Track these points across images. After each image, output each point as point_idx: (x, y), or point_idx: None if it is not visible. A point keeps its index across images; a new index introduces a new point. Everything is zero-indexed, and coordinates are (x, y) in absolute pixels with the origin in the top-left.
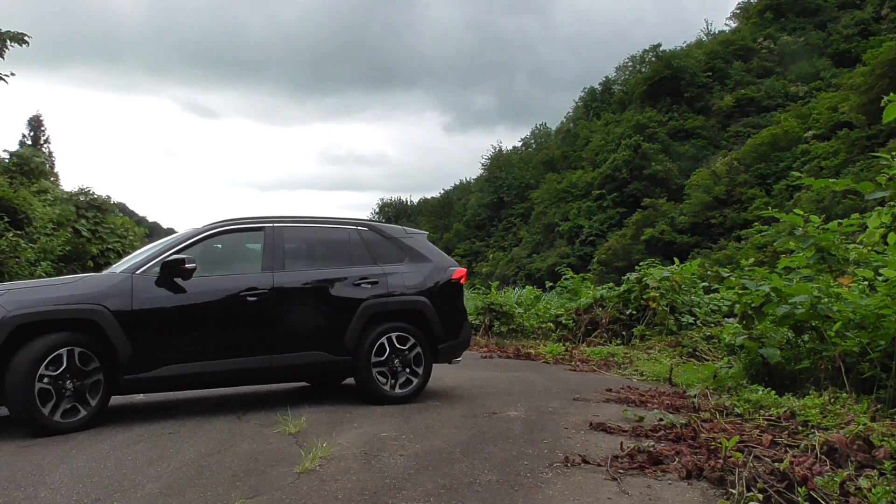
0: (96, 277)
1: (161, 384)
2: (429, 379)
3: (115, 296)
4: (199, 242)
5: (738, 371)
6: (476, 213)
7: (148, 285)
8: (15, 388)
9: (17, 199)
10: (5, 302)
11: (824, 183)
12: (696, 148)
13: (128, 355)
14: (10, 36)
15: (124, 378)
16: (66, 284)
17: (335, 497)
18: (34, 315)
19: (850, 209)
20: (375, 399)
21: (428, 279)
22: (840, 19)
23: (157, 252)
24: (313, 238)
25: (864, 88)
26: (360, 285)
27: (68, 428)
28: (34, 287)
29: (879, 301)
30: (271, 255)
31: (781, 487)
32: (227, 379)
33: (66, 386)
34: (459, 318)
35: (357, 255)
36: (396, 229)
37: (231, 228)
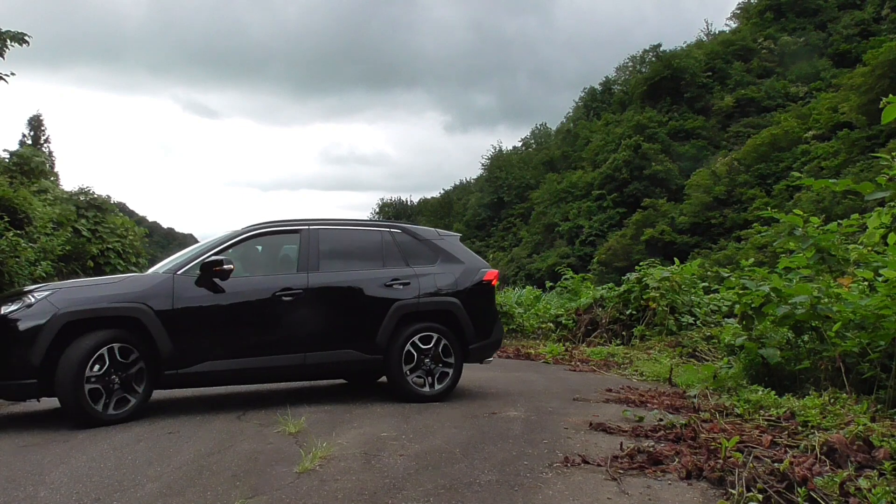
0: (140, 277)
1: (200, 380)
2: (459, 378)
3: (158, 295)
4: (238, 244)
5: (738, 371)
6: (476, 213)
7: (188, 285)
8: (65, 382)
9: (17, 199)
10: (55, 301)
11: (824, 183)
12: (696, 148)
13: (169, 351)
14: (11, 36)
15: (165, 373)
16: (112, 284)
17: (335, 497)
18: (82, 313)
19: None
20: (406, 397)
21: (459, 280)
22: (840, 20)
23: (198, 253)
24: (347, 240)
25: (864, 89)
26: (392, 286)
27: (115, 419)
28: (81, 286)
29: (879, 301)
30: (306, 256)
31: (781, 488)
32: (262, 375)
33: (113, 380)
34: (490, 318)
35: (390, 257)
36: (429, 231)
37: (268, 231)
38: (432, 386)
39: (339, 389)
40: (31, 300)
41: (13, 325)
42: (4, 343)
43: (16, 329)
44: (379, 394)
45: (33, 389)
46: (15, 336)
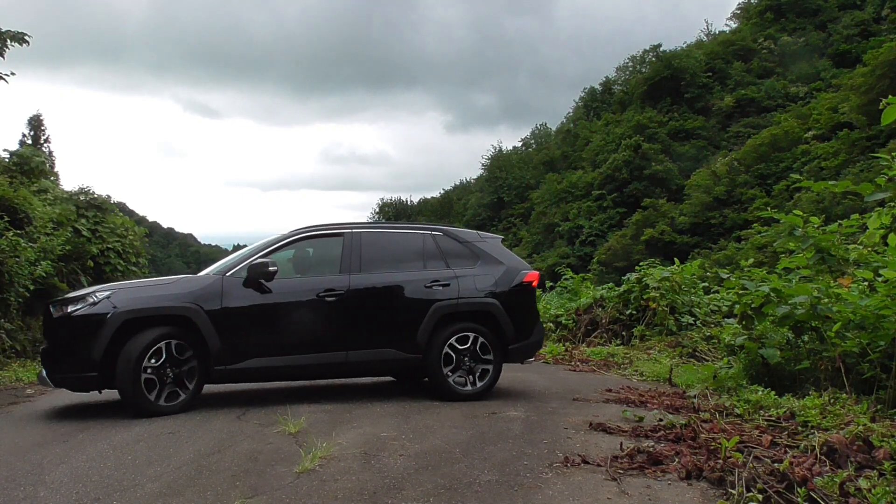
0: (192, 279)
1: (246, 375)
2: (498, 378)
3: (208, 295)
4: (284, 247)
5: (738, 371)
6: (476, 213)
7: (236, 286)
8: (124, 375)
9: (17, 199)
10: (115, 300)
11: (824, 185)
12: (697, 148)
13: (217, 348)
14: (11, 35)
15: (215, 369)
16: (165, 285)
17: (335, 497)
18: (138, 312)
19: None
20: (445, 395)
21: (499, 282)
22: (840, 20)
23: (245, 256)
24: (389, 243)
25: (864, 89)
26: (432, 287)
27: (169, 411)
28: (138, 287)
29: (879, 301)
30: (349, 258)
31: (781, 488)
32: (305, 373)
33: (167, 374)
34: (531, 319)
35: (431, 259)
36: (471, 234)
37: (313, 234)
38: (472, 385)
39: (339, 389)
40: (94, 300)
41: (78, 323)
42: (70, 339)
43: (80, 326)
44: (379, 394)
45: (95, 381)
46: (79, 333)
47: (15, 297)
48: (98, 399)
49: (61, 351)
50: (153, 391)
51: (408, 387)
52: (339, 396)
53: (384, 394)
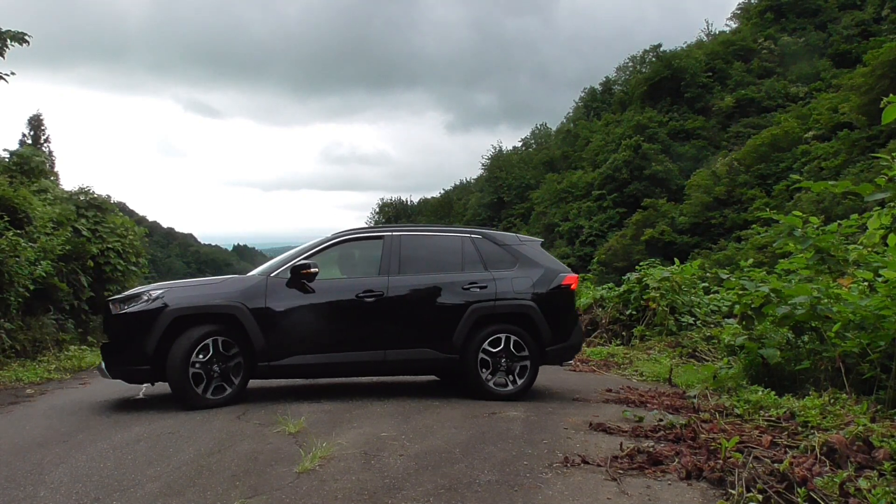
0: (239, 279)
1: (289, 372)
2: (535, 379)
3: (253, 295)
4: (326, 250)
5: (738, 372)
6: (476, 213)
7: (280, 286)
8: (174, 369)
9: (16, 199)
10: (167, 299)
11: (823, 186)
12: (697, 148)
13: (261, 346)
14: (11, 35)
15: (259, 365)
16: (213, 284)
17: (335, 497)
18: (187, 310)
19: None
20: (481, 395)
21: (537, 284)
22: (840, 20)
23: (289, 258)
24: (428, 246)
25: (864, 89)
26: (470, 289)
27: (215, 404)
28: (188, 286)
29: (879, 302)
30: (388, 261)
31: (781, 488)
32: (345, 370)
33: (214, 369)
34: (569, 322)
35: (469, 262)
36: (510, 237)
37: (354, 237)
38: (507, 386)
39: (339, 389)
40: (148, 298)
41: (132, 320)
42: (125, 334)
43: (134, 323)
44: (379, 394)
45: (147, 374)
46: (133, 329)
47: (15, 297)
48: (98, 399)
49: (117, 345)
50: (200, 385)
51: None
52: (339, 396)
53: (384, 394)
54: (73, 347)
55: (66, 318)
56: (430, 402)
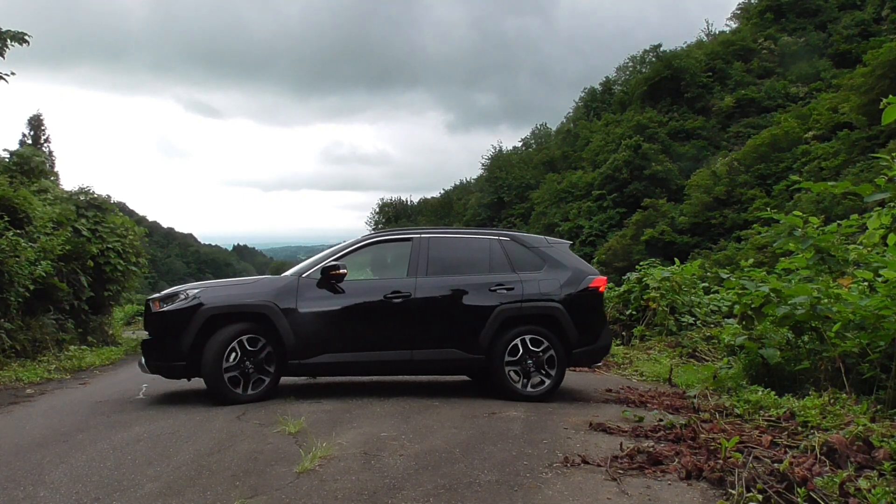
0: (271, 279)
1: (318, 369)
2: (562, 380)
3: (284, 295)
4: (356, 251)
5: (738, 371)
6: (476, 213)
7: (310, 286)
8: (208, 365)
9: (17, 199)
10: (203, 298)
11: (823, 186)
12: (697, 148)
13: (292, 344)
14: (11, 35)
15: (289, 362)
16: (247, 284)
17: (335, 497)
18: (222, 308)
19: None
20: (508, 396)
21: (564, 286)
22: (840, 20)
23: (320, 259)
24: (456, 247)
25: (864, 89)
26: (497, 291)
27: (248, 399)
28: (223, 286)
29: (879, 302)
30: (416, 262)
31: (781, 488)
32: (373, 369)
33: (247, 366)
34: (597, 324)
35: (496, 264)
36: (538, 239)
37: (384, 239)
38: (535, 387)
39: (340, 389)
40: (184, 297)
41: (170, 318)
42: (163, 332)
43: (172, 321)
44: (379, 394)
45: (183, 370)
46: (171, 326)
47: (15, 297)
48: (98, 399)
49: (156, 342)
50: (233, 381)
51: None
52: (339, 396)
53: (384, 394)
54: (73, 347)
55: (66, 318)
56: (430, 402)
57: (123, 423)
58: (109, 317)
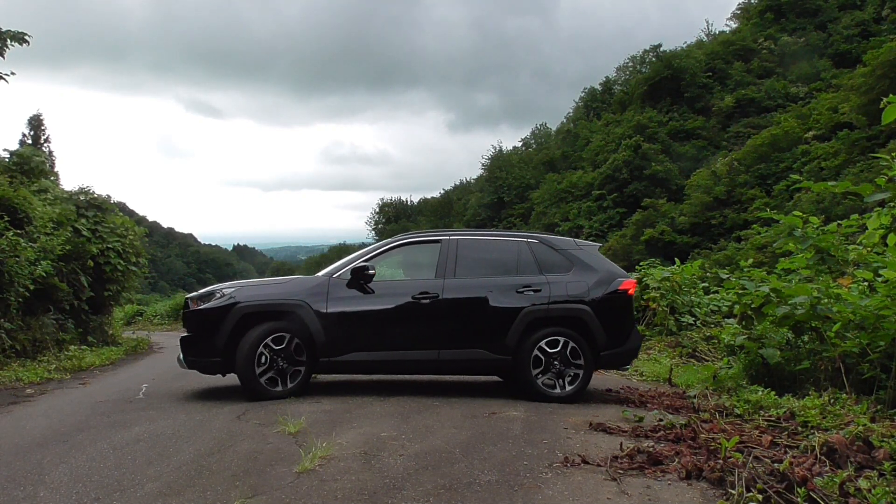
0: (303, 279)
1: (348, 367)
2: (589, 382)
3: (315, 294)
4: (386, 252)
5: (738, 371)
6: (476, 213)
7: (340, 286)
8: (241, 361)
9: (16, 199)
10: (237, 296)
11: (824, 186)
12: (697, 148)
13: (322, 342)
14: (11, 35)
15: (320, 360)
16: (279, 284)
17: (335, 497)
18: (255, 307)
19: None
20: (534, 396)
21: (592, 289)
22: (840, 20)
23: (350, 260)
24: (484, 249)
25: (864, 89)
26: (524, 293)
27: (279, 395)
28: (257, 286)
29: (879, 302)
30: (444, 264)
31: (781, 488)
32: (400, 367)
33: (279, 363)
34: (625, 327)
35: (524, 265)
36: (567, 241)
37: (413, 241)
38: (562, 388)
39: (339, 389)
40: (220, 296)
41: (206, 315)
42: (200, 329)
43: (208, 318)
44: (379, 393)
45: (218, 366)
46: (207, 324)
47: (15, 297)
48: (98, 399)
49: (193, 339)
50: (265, 377)
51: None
52: (339, 396)
53: (384, 394)
54: (73, 347)
55: (66, 318)
56: (430, 402)
57: (123, 423)
58: (109, 317)
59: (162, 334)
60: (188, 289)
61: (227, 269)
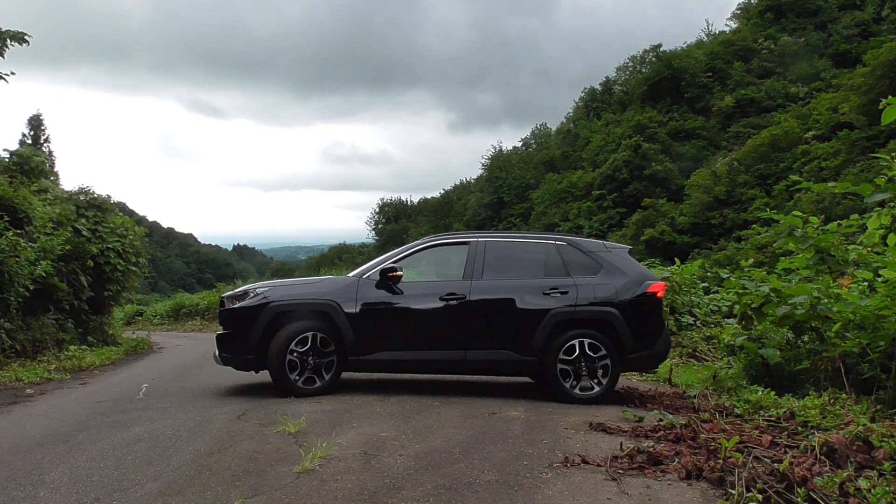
0: (334, 279)
1: (376, 366)
2: (615, 384)
3: (345, 294)
4: (415, 254)
5: (738, 371)
6: (476, 213)
7: (369, 287)
8: (273, 359)
9: (16, 199)
10: (270, 296)
11: (823, 186)
12: (697, 148)
13: (351, 341)
14: (10, 35)
15: (349, 359)
16: (311, 284)
17: (335, 497)
18: (287, 306)
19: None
20: (559, 398)
21: (620, 291)
22: (840, 20)
23: (380, 261)
24: (512, 252)
25: (864, 89)
26: (551, 295)
27: (310, 392)
28: (289, 286)
29: (879, 302)
30: (472, 265)
31: (781, 488)
32: (427, 367)
33: (309, 360)
34: (654, 329)
35: (552, 268)
36: (595, 244)
37: (442, 243)
38: (587, 390)
39: (339, 389)
40: (253, 295)
41: (240, 314)
42: (234, 327)
43: (242, 317)
44: (379, 394)
45: (251, 363)
46: (241, 322)
47: (15, 297)
48: (98, 399)
49: (228, 336)
50: (296, 374)
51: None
52: (339, 396)
53: (384, 394)
54: (72, 347)
55: (66, 318)
56: (430, 402)
57: (123, 423)
58: (109, 317)
59: (162, 334)
60: (188, 289)
61: (227, 269)
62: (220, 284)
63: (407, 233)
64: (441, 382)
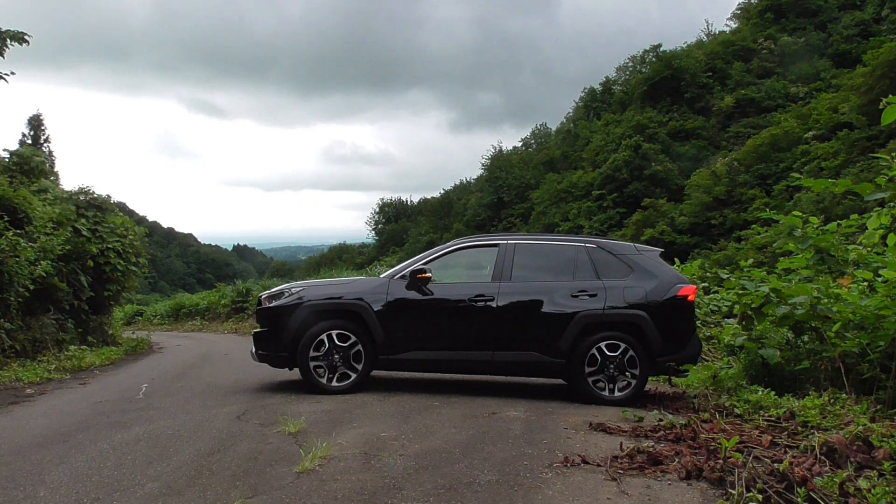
0: (366, 280)
1: (406, 365)
2: (643, 387)
3: (375, 295)
4: (445, 256)
5: (738, 372)
6: (476, 213)
7: (399, 288)
8: (304, 357)
9: (16, 199)
10: (304, 296)
11: (824, 184)
12: (697, 148)
13: (381, 340)
14: (11, 35)
15: (379, 357)
16: (343, 284)
17: (335, 497)
18: (319, 305)
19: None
20: (586, 399)
21: (650, 294)
22: (840, 20)
23: (410, 263)
24: (541, 254)
25: (864, 89)
26: (579, 297)
27: (339, 390)
28: (322, 285)
29: (879, 302)
30: (501, 267)
31: (781, 488)
32: (455, 367)
33: (338, 359)
34: (684, 333)
35: (581, 270)
36: (626, 247)
37: (471, 245)
38: (614, 392)
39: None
40: (288, 294)
41: (276, 313)
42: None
43: (277, 315)
44: (379, 394)
45: (286, 360)
46: (276, 320)
47: (15, 297)
48: (98, 399)
49: (264, 334)
50: (326, 373)
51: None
52: (339, 396)
53: (384, 394)
54: (72, 347)
55: (66, 318)
56: (430, 402)
57: (123, 423)
58: (109, 317)
59: (162, 334)
60: (188, 289)
61: (226, 269)
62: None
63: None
64: (441, 382)
